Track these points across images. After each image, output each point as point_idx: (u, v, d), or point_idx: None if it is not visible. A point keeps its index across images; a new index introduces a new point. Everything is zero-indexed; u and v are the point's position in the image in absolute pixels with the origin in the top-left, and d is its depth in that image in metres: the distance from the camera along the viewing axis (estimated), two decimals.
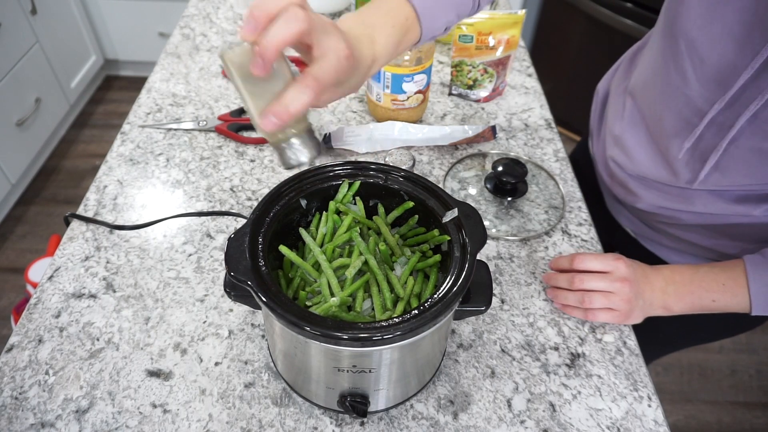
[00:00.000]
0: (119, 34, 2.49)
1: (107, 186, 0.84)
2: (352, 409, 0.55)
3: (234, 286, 0.53)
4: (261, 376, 0.63)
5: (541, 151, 0.94)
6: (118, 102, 2.60)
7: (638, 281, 0.66)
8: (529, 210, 0.83)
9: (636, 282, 0.66)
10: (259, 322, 0.68)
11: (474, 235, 0.54)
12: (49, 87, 2.18)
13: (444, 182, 0.87)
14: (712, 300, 0.65)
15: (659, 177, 0.73)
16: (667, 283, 0.67)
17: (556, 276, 0.71)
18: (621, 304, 0.66)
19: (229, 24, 1.21)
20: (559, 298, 0.70)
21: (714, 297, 0.65)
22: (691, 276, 0.66)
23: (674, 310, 0.67)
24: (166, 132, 0.94)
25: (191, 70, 1.08)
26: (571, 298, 0.68)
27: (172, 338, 0.66)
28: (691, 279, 0.66)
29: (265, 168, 0.88)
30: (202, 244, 0.77)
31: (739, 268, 0.65)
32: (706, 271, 0.66)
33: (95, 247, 0.76)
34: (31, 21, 2.03)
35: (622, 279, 0.66)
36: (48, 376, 0.62)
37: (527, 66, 1.13)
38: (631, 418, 0.61)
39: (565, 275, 0.69)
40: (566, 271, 0.70)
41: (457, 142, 0.92)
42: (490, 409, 0.61)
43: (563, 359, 0.66)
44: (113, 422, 0.59)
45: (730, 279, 0.64)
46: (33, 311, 0.68)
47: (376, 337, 0.46)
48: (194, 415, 0.59)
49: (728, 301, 0.65)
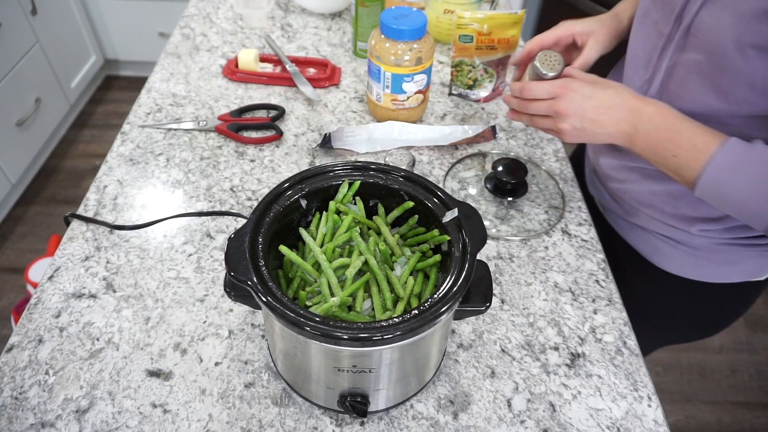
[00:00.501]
0: (119, 34, 2.49)
1: (107, 186, 0.84)
2: (352, 409, 0.55)
3: (234, 286, 0.53)
4: (261, 376, 0.63)
5: (541, 151, 0.94)
6: (118, 102, 2.60)
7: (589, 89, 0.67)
8: (529, 210, 0.83)
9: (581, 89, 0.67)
10: (259, 322, 0.68)
11: (474, 235, 0.54)
12: (49, 87, 2.18)
13: (444, 182, 0.87)
14: (673, 155, 0.62)
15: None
16: (642, 120, 0.65)
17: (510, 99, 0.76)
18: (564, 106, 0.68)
19: (229, 24, 1.21)
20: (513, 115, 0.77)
21: (676, 152, 0.62)
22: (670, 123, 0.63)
23: (635, 142, 0.66)
24: (166, 132, 0.94)
25: (191, 70, 1.08)
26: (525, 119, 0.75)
27: (172, 338, 0.66)
28: (669, 126, 0.63)
29: (265, 168, 0.88)
30: (202, 244, 0.77)
31: (718, 139, 0.60)
32: (687, 126, 0.62)
33: (95, 247, 0.76)
34: (31, 21, 2.03)
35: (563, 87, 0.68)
36: (48, 376, 0.62)
37: None
38: (631, 418, 0.61)
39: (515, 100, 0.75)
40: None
41: (457, 142, 0.92)
42: (490, 409, 0.61)
43: (563, 359, 0.66)
44: (113, 422, 0.59)
45: (703, 143, 0.60)
46: (33, 311, 0.68)
47: (376, 337, 0.46)
48: (194, 415, 0.59)
49: (686, 163, 0.61)
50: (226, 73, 1.06)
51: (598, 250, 0.79)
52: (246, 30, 1.19)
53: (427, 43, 0.87)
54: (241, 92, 1.03)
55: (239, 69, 1.05)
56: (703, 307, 0.85)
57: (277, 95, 1.03)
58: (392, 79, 0.89)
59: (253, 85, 1.05)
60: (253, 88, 1.04)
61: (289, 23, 1.22)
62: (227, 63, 1.07)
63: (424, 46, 0.87)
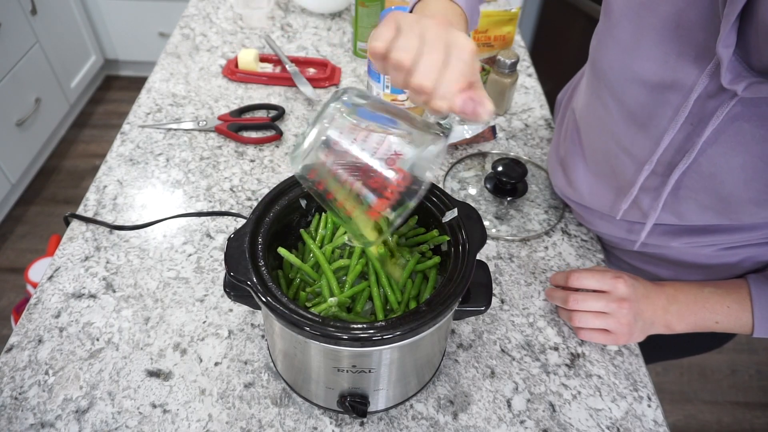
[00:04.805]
0: (119, 34, 2.48)
1: (107, 186, 0.84)
2: (351, 409, 0.55)
3: (234, 286, 0.53)
4: (261, 376, 0.63)
5: (541, 151, 0.94)
6: (118, 102, 2.60)
7: (638, 300, 0.63)
8: (529, 210, 0.83)
9: (636, 302, 0.63)
10: (259, 322, 0.68)
11: (474, 235, 0.53)
12: (49, 87, 2.18)
13: (444, 182, 0.87)
14: (715, 321, 0.64)
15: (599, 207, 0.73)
16: (669, 302, 0.64)
17: (552, 293, 0.69)
18: (618, 327, 0.63)
19: (229, 24, 1.21)
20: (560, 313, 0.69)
21: (717, 319, 0.63)
22: (695, 296, 0.64)
23: (676, 329, 0.65)
24: (166, 132, 0.94)
25: (191, 70, 1.08)
26: (564, 315, 0.67)
27: (171, 338, 0.66)
28: (695, 299, 0.64)
29: (265, 168, 0.88)
30: (202, 244, 0.76)
31: (744, 290, 0.63)
32: (711, 292, 0.64)
33: (95, 247, 0.76)
34: (31, 21, 2.03)
35: (620, 300, 0.63)
36: (48, 376, 0.62)
37: (527, 66, 1.13)
38: (630, 418, 0.61)
39: (561, 293, 0.67)
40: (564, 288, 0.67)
41: (457, 142, 0.92)
42: (489, 409, 0.61)
43: (563, 359, 0.66)
44: (113, 422, 0.59)
45: (734, 302, 0.63)
46: (33, 311, 0.68)
47: (376, 337, 0.46)
48: (194, 415, 0.59)
49: (731, 323, 0.63)
50: (226, 73, 1.06)
51: (598, 250, 0.78)
52: (246, 30, 1.19)
53: None
54: (241, 92, 1.03)
55: (239, 69, 1.05)
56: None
57: (277, 95, 1.03)
58: None
59: (253, 85, 1.05)
60: (253, 88, 1.04)
61: (289, 23, 1.22)
62: (227, 63, 1.07)
63: None
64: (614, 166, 0.66)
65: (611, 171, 0.68)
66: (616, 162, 0.66)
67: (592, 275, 0.65)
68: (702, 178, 0.57)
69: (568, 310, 0.66)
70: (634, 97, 0.58)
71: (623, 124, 0.62)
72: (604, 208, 0.72)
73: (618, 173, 0.66)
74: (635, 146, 0.62)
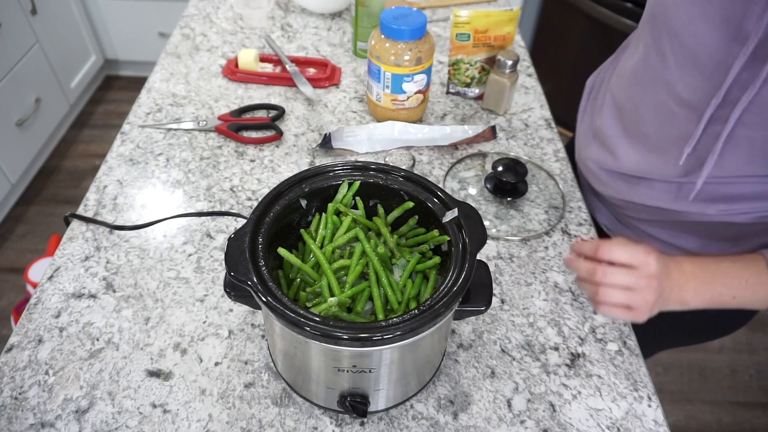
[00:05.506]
0: (119, 34, 2.48)
1: (107, 186, 0.84)
2: (352, 409, 0.55)
3: (234, 286, 0.53)
4: (261, 376, 0.63)
5: (541, 151, 0.94)
6: (118, 102, 2.60)
7: (663, 278, 0.60)
8: (529, 210, 0.83)
9: (662, 279, 0.60)
10: (259, 322, 0.68)
11: (474, 235, 0.54)
12: (49, 87, 2.18)
13: (444, 182, 0.87)
14: (732, 296, 0.62)
15: (647, 173, 0.72)
16: (687, 279, 0.62)
17: (575, 264, 0.63)
18: (642, 304, 0.59)
19: (229, 24, 1.21)
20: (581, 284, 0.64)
21: (735, 294, 0.62)
22: (713, 272, 0.63)
23: (691, 304, 0.63)
24: (166, 132, 0.94)
25: (191, 70, 1.08)
26: (588, 288, 0.62)
27: (172, 338, 0.66)
28: (713, 275, 0.63)
29: (265, 168, 0.88)
30: (202, 244, 0.77)
31: (761, 263, 0.62)
32: (729, 266, 0.63)
33: (95, 247, 0.76)
34: (31, 21, 2.03)
35: (649, 277, 0.59)
36: (48, 376, 0.62)
37: (527, 66, 1.13)
38: (631, 418, 0.61)
39: (587, 265, 0.61)
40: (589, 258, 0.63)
41: (457, 142, 0.92)
42: (490, 409, 0.61)
43: (563, 359, 0.66)
44: (113, 422, 0.59)
45: (753, 276, 0.62)
46: (33, 311, 0.68)
47: (376, 337, 0.46)
48: (194, 415, 0.59)
49: (749, 298, 0.62)
50: (226, 73, 1.06)
51: None
52: (246, 30, 1.19)
53: (427, 43, 0.87)
54: (241, 92, 1.03)
55: (239, 69, 1.05)
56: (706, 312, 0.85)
57: (277, 95, 1.03)
58: (392, 79, 0.89)
59: (253, 85, 1.05)
60: (253, 88, 1.04)
61: (289, 23, 1.22)
62: (227, 63, 1.07)
63: (424, 46, 0.87)
64: (664, 122, 0.67)
65: (660, 128, 0.68)
66: (668, 117, 0.67)
67: (624, 249, 0.61)
68: (763, 111, 0.58)
69: (595, 284, 0.61)
70: (695, 36, 0.60)
71: (679, 71, 0.63)
72: (654, 169, 0.71)
73: (670, 128, 0.67)
74: (692, 91, 0.63)
